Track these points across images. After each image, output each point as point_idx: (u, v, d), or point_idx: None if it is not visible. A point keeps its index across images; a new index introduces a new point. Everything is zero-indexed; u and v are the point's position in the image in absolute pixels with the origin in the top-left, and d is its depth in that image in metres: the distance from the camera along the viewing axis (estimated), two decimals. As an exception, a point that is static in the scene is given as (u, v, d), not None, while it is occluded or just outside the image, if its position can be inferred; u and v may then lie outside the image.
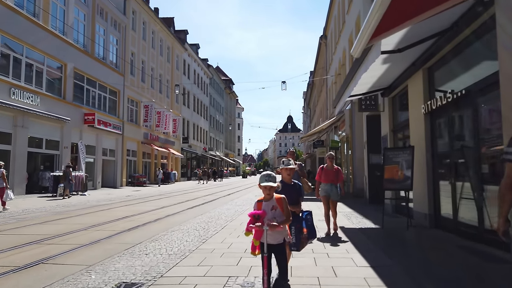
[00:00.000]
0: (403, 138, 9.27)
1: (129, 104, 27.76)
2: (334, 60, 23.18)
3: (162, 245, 5.80)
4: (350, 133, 15.77)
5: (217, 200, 15.10)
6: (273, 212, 3.08)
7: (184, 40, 41.37)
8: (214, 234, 6.79)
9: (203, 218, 9.05)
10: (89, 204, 13.11)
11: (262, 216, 3.02)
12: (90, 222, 8.48)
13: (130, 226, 7.87)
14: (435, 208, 7.01)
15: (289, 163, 3.83)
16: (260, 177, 3.15)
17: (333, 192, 6.54)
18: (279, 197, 3.15)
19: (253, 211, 3.10)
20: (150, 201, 14.54)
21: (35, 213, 10.48)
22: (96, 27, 23.25)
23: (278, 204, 3.11)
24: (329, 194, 6.55)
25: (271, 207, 3.09)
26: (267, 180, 3.10)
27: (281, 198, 3.14)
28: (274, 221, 3.02)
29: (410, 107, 8.02)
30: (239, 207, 11.59)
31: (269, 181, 3.10)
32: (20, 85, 16.46)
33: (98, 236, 6.70)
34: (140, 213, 10.23)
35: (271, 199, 3.12)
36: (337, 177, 6.56)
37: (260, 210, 3.07)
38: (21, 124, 16.44)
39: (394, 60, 6.87)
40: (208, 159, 53.75)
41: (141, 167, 29.72)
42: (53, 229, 7.49)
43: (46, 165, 19.28)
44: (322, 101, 32.59)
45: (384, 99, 10.15)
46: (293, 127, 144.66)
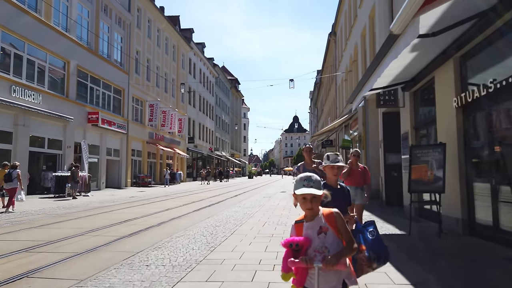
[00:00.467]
0: (426, 136, 8.55)
1: (134, 103, 27.26)
2: (344, 57, 22.44)
3: (166, 254, 5.17)
4: (363, 131, 15.03)
5: (224, 202, 14.46)
6: (322, 237, 1.92)
7: (189, 39, 40.85)
8: (223, 240, 6.14)
9: (210, 221, 8.41)
10: (91, 206, 12.54)
11: (305, 245, 1.91)
12: (89, 226, 7.88)
13: (131, 230, 7.25)
14: (469, 213, 6.29)
15: (337, 159, 2.89)
16: (296, 182, 2.01)
17: (358, 195, 5.66)
18: (329, 212, 1.98)
19: (290, 237, 1.98)
20: (155, 203, 13.94)
21: (33, 215, 9.92)
22: (100, 24, 22.76)
23: (330, 224, 1.94)
24: (354, 198, 5.53)
25: (317, 229, 1.94)
26: (307, 185, 1.94)
27: (332, 213, 1.97)
28: (325, 251, 1.89)
29: (438, 101, 7.31)
30: (248, 210, 10.93)
31: (311, 186, 1.94)
32: (21, 83, 15.97)
33: (96, 242, 6.08)
34: (143, 216, 9.62)
35: (316, 216, 1.97)
36: (364, 178, 5.64)
37: (300, 237, 1.95)
38: (22, 123, 15.94)
39: (423, 48, 6.17)
40: (214, 159, 53.19)
41: (146, 167, 29.21)
42: (48, 234, 6.90)
43: (49, 165, 18.79)
44: (330, 100, 31.84)
45: (404, 93, 9.43)
46: (299, 128, 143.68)
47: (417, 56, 6.71)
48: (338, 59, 25.55)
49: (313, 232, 1.94)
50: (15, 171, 11.02)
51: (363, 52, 16.04)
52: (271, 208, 11.40)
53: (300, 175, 2.04)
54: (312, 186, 1.94)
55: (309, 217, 1.98)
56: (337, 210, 2.00)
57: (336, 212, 1.99)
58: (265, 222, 8.23)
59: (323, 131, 19.26)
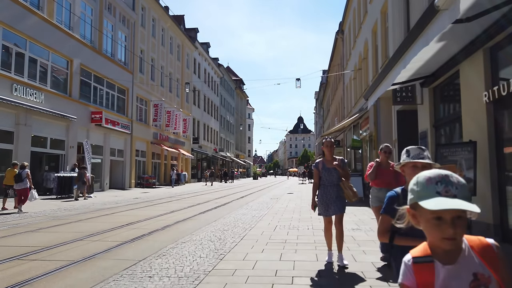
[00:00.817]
0: (449, 134, 8.00)
1: (138, 103, 26.88)
2: (352, 55, 21.89)
3: (171, 262, 4.68)
4: (374, 131, 14.47)
5: (230, 204, 13.97)
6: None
7: (194, 38, 40.48)
8: (232, 246, 5.64)
9: (217, 225, 7.93)
10: (93, 208, 12.11)
11: None
12: (89, 229, 7.42)
13: (133, 235, 6.78)
14: (502, 218, 5.74)
15: (422, 154, 2.11)
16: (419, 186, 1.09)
17: None
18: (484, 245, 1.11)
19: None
20: (159, 205, 13.48)
21: (33, 217, 9.50)
22: (104, 22, 22.41)
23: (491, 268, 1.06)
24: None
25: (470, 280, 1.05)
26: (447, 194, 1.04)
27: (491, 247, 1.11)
28: None
29: (464, 96, 6.76)
30: (256, 212, 10.43)
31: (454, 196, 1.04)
32: (23, 81, 15.61)
33: (95, 249, 5.61)
34: (146, 219, 9.15)
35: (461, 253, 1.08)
36: (397, 179, 4.48)
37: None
38: (23, 122, 15.58)
39: (451, 36, 5.65)
40: (218, 160, 52.76)
41: (150, 168, 28.81)
42: (45, 239, 6.45)
43: (51, 166, 18.43)
44: (337, 99, 31.28)
45: (423, 90, 8.89)
46: (304, 128, 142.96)
47: (443, 47, 6.18)
48: (346, 57, 25.00)
49: (461, 284, 1.05)
50: (24, 171, 11.06)
51: (374, 49, 15.50)
52: (280, 210, 10.89)
53: (426, 173, 1.09)
54: (457, 195, 1.04)
55: (446, 255, 1.07)
56: (494, 241, 1.13)
57: (496, 245, 1.11)
58: (276, 226, 7.73)
59: (334, 130, 18.69)
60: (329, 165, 4.53)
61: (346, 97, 25.31)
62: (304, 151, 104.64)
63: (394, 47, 11.56)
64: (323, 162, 4.61)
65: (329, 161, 4.57)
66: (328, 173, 4.49)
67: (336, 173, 4.50)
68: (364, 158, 17.79)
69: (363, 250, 5.35)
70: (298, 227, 7.65)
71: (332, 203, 4.49)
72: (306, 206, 12.30)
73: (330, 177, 4.49)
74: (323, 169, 4.54)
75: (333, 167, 4.51)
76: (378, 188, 4.78)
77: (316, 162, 4.69)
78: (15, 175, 11.00)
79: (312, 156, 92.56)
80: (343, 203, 4.55)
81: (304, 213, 10.14)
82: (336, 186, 4.48)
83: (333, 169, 4.50)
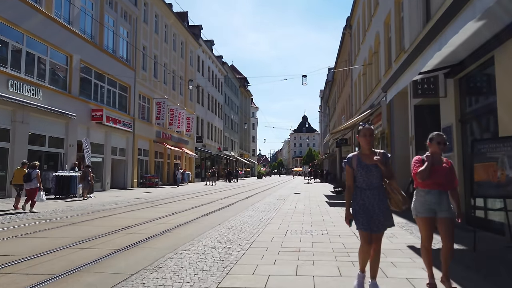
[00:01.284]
0: (479, 129, 7.23)
1: (140, 100, 26.24)
2: (362, 49, 21.08)
3: (168, 277, 3.97)
4: (388, 128, 13.70)
5: (235, 205, 13.26)
6: None
7: (198, 36, 39.80)
8: (240, 256, 4.93)
9: (222, 229, 7.21)
10: (91, 209, 11.45)
11: None
12: (80, 234, 6.74)
13: (128, 242, 6.08)
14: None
15: None
16: None
17: (444, 205, 3.47)
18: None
19: None
20: (160, 206, 12.81)
21: (24, 219, 8.86)
22: (105, 17, 21.77)
23: None
24: (436, 210, 3.50)
25: None
26: None
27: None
28: None
29: (500, 86, 5.99)
30: (263, 214, 9.71)
31: None
32: (20, 77, 14.99)
33: (83, 258, 4.91)
34: (145, 222, 8.46)
35: None
36: (450, 179, 3.54)
37: None
38: (20, 120, 14.96)
39: (490, 17, 4.89)
40: (222, 159, 52.10)
41: (153, 167, 28.18)
42: (30, 246, 5.77)
43: (50, 165, 17.81)
44: (344, 97, 30.47)
45: (446, 81, 8.13)
46: (309, 127, 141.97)
47: (478, 30, 5.42)
48: (355, 53, 24.18)
49: None
50: (34, 171, 10.92)
51: (387, 42, 14.72)
52: (289, 212, 10.16)
53: None
54: None
55: None
56: None
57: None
58: (287, 231, 7.00)
59: (343, 127, 17.90)
60: (368, 161, 3.37)
61: (354, 94, 24.51)
62: (309, 150, 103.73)
63: (410, 37, 10.80)
64: (358, 157, 3.44)
65: (367, 155, 3.41)
66: (366, 172, 3.36)
67: (377, 172, 3.34)
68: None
69: (391, 262, 4.61)
70: (311, 232, 6.91)
71: (376, 213, 3.32)
72: (316, 207, 11.57)
73: (369, 177, 3.36)
74: (359, 167, 3.39)
75: (374, 163, 3.33)
76: (426, 190, 3.55)
77: (349, 157, 3.52)
78: (25, 174, 10.86)
79: (317, 156, 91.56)
80: (390, 214, 3.39)
81: (315, 215, 9.41)
82: (378, 189, 3.36)
83: (373, 166, 3.34)
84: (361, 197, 3.40)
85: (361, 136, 3.44)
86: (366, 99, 19.31)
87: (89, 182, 15.66)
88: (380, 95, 15.03)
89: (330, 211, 10.39)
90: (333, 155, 41.49)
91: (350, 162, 3.47)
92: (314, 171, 46.39)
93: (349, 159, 3.49)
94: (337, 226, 7.57)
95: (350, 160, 3.49)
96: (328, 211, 10.40)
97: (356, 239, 6.11)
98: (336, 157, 36.96)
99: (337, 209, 10.99)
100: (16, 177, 11.21)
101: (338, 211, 10.47)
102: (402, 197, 3.33)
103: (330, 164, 46.93)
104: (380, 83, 15.49)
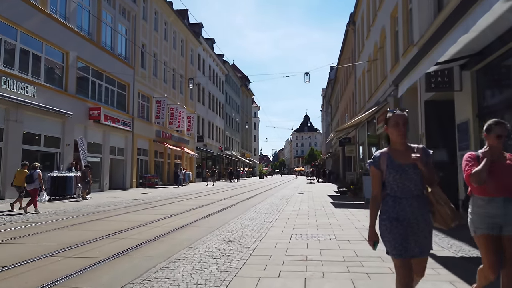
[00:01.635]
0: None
1: (139, 99, 25.73)
2: (366, 45, 20.51)
3: (156, 293, 3.44)
4: (395, 125, 13.10)
5: (236, 206, 12.73)
6: None
7: (199, 34, 39.27)
8: (240, 266, 4.39)
9: (221, 234, 6.68)
10: (85, 211, 10.94)
11: None
12: (67, 240, 6.21)
13: (118, 249, 5.54)
14: None
15: None
16: None
17: (510, 216, 2.68)
18: None
19: None
20: (158, 207, 12.28)
21: (12, 223, 8.35)
22: (103, 14, 21.26)
23: None
24: (501, 224, 2.71)
25: None
26: None
27: None
28: None
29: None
30: (265, 216, 9.17)
31: None
32: (14, 74, 14.49)
33: (62, 270, 4.38)
34: (139, 225, 7.93)
35: None
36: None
37: None
38: (14, 118, 14.47)
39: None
40: (224, 159, 51.59)
41: (153, 167, 27.66)
42: (6, 254, 5.25)
43: (46, 165, 17.27)
44: (348, 95, 29.90)
45: (462, 73, 7.56)
46: (310, 127, 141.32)
47: (504, 14, 4.86)
48: (359, 49, 23.60)
49: None
50: (36, 171, 10.90)
51: (393, 36, 14.15)
52: (293, 214, 9.62)
53: None
54: None
55: None
56: None
57: None
58: (291, 236, 6.46)
59: (348, 125, 17.31)
60: (402, 160, 2.46)
61: (358, 92, 23.93)
62: (311, 149, 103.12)
63: (420, 29, 10.24)
64: (388, 155, 2.53)
65: (400, 152, 2.50)
66: (400, 175, 2.44)
67: (416, 174, 2.43)
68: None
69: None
70: (318, 236, 6.37)
71: (415, 232, 2.42)
72: (321, 208, 11.02)
73: (406, 181, 2.44)
74: (391, 168, 2.48)
75: (411, 162, 2.43)
76: (486, 198, 2.74)
77: (375, 156, 2.59)
78: (26, 176, 10.80)
79: (319, 155, 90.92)
80: (431, 233, 2.49)
81: (321, 218, 8.86)
82: (417, 198, 2.45)
83: (410, 167, 2.44)
84: (393, 209, 2.45)
85: (391, 126, 2.51)
86: (371, 96, 18.74)
87: (88, 182, 15.36)
88: (386, 92, 14.46)
89: (336, 213, 9.84)
90: (335, 154, 40.90)
91: (377, 162, 2.54)
92: (316, 171, 45.81)
93: (376, 159, 2.56)
94: (346, 230, 7.01)
95: (377, 159, 2.55)
96: (334, 213, 9.85)
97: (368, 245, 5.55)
98: (339, 156, 36.38)
99: (344, 210, 10.44)
100: (17, 178, 11.00)
101: (344, 212, 9.92)
102: (451, 209, 2.44)
103: (333, 163, 46.35)
104: (386, 79, 14.92)
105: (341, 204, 12.34)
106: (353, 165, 25.81)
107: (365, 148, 20.06)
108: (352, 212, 10.02)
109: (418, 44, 10.21)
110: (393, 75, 13.50)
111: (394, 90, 13.29)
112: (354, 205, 12.02)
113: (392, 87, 13.51)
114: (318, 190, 21.60)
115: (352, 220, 8.37)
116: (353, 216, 9.08)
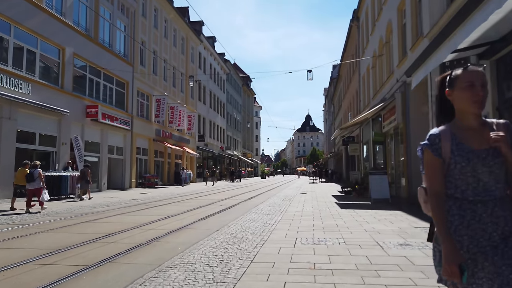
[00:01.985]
0: (523, 118, 6.10)
1: (139, 97, 25.23)
2: (371, 41, 19.94)
3: (140, 311, 2.90)
4: (403, 122, 12.57)
5: (236, 206, 12.20)
6: None
7: (199, 32, 38.77)
8: (239, 276, 3.85)
9: (219, 237, 6.14)
10: (78, 212, 10.42)
11: None
12: (51, 245, 5.69)
13: (104, 255, 5.01)
14: None
15: None
16: None
17: None
18: None
19: None
20: (155, 208, 11.76)
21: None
22: (101, 10, 20.77)
23: None
24: None
25: None
26: None
27: None
28: None
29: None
30: (267, 218, 8.63)
31: None
32: (7, 70, 14.00)
33: (37, 280, 3.85)
34: (133, 227, 7.41)
35: None
36: None
37: None
38: (7, 116, 13.98)
39: None
40: (225, 159, 51.08)
41: (153, 166, 27.16)
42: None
43: (41, 164, 16.74)
44: (351, 93, 29.31)
45: (480, 63, 6.99)
46: (312, 127, 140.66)
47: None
48: (363, 45, 23.03)
49: None
50: (36, 170, 10.78)
51: (400, 29, 13.59)
52: (296, 215, 9.08)
53: None
54: None
55: None
56: None
57: None
58: (296, 239, 5.92)
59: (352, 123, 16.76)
60: (475, 142, 1.59)
61: (362, 89, 23.36)
62: (313, 149, 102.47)
63: (431, 20, 9.69)
64: (452, 134, 1.63)
65: (472, 131, 1.62)
66: (474, 165, 1.56)
67: (497, 165, 1.56)
68: (388, 152, 15.87)
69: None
70: (326, 240, 5.82)
71: (499, 253, 1.51)
72: (325, 209, 10.47)
73: (482, 176, 1.57)
74: (458, 156, 1.58)
75: (490, 146, 1.56)
76: None
77: (433, 135, 1.66)
78: (27, 174, 10.66)
79: (321, 155, 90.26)
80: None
81: (327, 219, 8.32)
82: (499, 202, 1.56)
83: (488, 154, 1.56)
84: (461, 222, 1.57)
85: (460, 89, 1.63)
86: (376, 93, 18.18)
87: (88, 181, 14.97)
88: (393, 87, 13.91)
89: (342, 214, 9.29)
90: (338, 154, 40.32)
91: (436, 145, 1.62)
92: (319, 171, 45.27)
93: (434, 140, 1.63)
94: (355, 233, 6.47)
95: (436, 140, 1.63)
96: (340, 214, 9.30)
97: (382, 250, 5.01)
98: (342, 156, 35.80)
99: (350, 211, 9.89)
100: (18, 177, 10.94)
101: (351, 213, 9.38)
102: None
103: (336, 163, 45.77)
104: (393, 74, 14.37)
105: (346, 205, 11.79)
106: (357, 164, 25.24)
107: (369, 147, 19.49)
108: (359, 213, 9.47)
109: (428, 36, 9.67)
110: (400, 70, 12.94)
111: (401, 86, 12.75)
112: (361, 205, 11.47)
113: (400, 83, 12.96)
114: (321, 190, 21.04)
115: (360, 222, 7.82)
116: (361, 218, 8.53)
